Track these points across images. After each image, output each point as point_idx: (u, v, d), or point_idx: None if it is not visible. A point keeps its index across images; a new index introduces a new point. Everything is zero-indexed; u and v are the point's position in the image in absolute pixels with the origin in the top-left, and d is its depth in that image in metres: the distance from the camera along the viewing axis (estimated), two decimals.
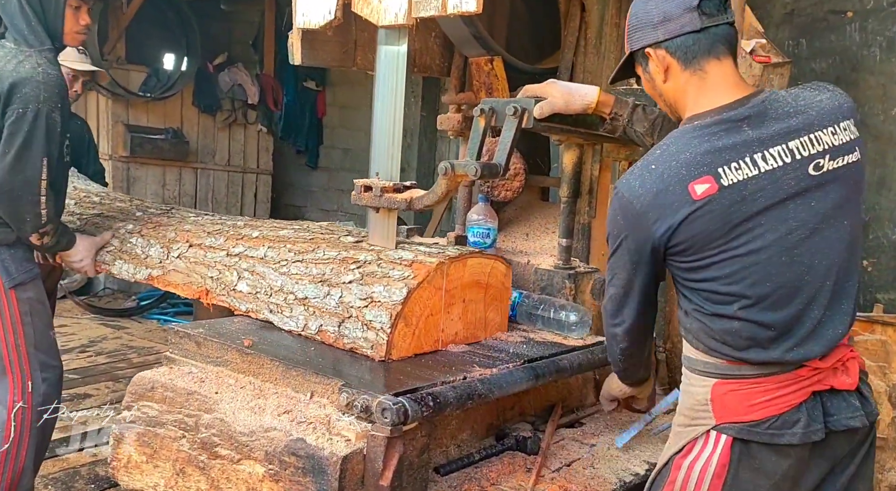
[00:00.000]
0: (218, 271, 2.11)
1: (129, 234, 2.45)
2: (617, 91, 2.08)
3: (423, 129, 5.95)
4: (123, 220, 2.56)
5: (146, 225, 2.46)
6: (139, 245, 2.38)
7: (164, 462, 1.68)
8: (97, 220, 2.62)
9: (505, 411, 1.91)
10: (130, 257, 2.39)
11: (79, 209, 2.74)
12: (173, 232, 2.34)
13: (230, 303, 2.04)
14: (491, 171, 1.70)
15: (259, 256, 2.05)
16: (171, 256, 2.26)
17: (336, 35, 2.11)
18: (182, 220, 2.44)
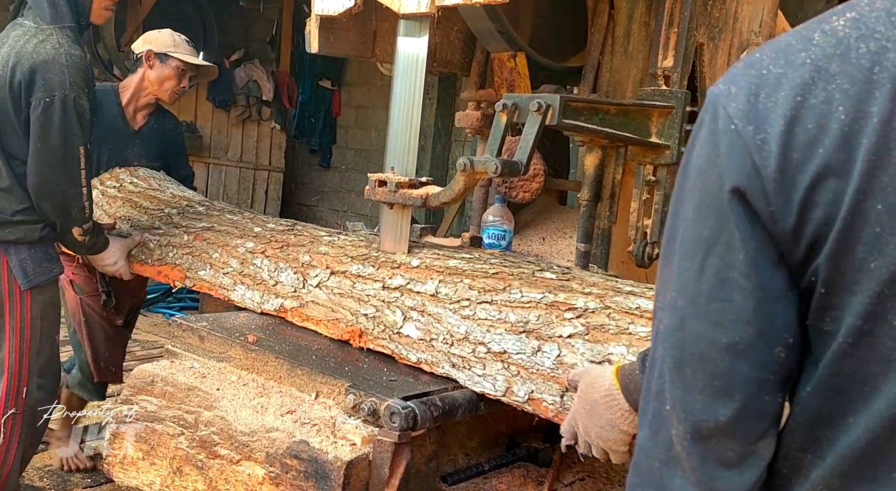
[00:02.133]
0: (374, 308, 1.69)
1: (251, 254, 2.02)
2: (644, 92, 2.01)
3: (437, 130, 5.89)
4: (240, 236, 2.13)
5: (270, 244, 2.02)
6: (265, 268, 1.95)
7: (160, 460, 1.61)
8: (208, 234, 2.21)
9: (517, 420, 1.83)
10: (255, 282, 1.96)
11: (184, 220, 2.35)
12: (307, 254, 1.91)
13: (394, 349, 1.64)
14: (512, 169, 1.63)
15: (428, 291, 1.64)
16: (308, 284, 1.84)
17: (355, 24, 2.05)
18: (315, 240, 2.00)
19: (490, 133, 1.70)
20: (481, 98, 2.30)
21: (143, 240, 2.34)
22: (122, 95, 2.77)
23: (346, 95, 6.91)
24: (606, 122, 1.81)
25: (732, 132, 0.65)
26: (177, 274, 2.22)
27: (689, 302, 0.70)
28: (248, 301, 1.96)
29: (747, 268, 0.66)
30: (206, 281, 2.11)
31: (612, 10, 2.19)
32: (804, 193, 0.62)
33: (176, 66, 2.73)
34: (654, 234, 2.05)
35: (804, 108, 0.62)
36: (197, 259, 2.16)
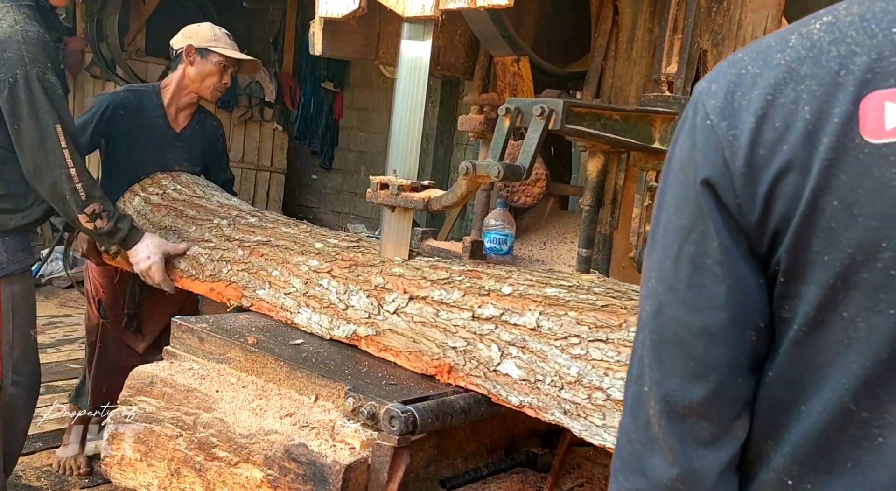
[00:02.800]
0: (465, 341, 1.53)
1: (316, 273, 1.85)
2: (648, 98, 2.00)
3: (439, 134, 5.90)
4: (301, 252, 1.95)
5: (336, 262, 1.85)
6: (333, 290, 1.79)
7: (158, 461, 1.61)
8: (264, 249, 2.01)
9: (516, 425, 1.83)
10: (322, 305, 1.79)
11: (237, 233, 2.15)
12: (379, 276, 1.75)
13: (490, 389, 1.48)
14: (514, 173, 1.63)
15: (527, 324, 1.47)
16: (384, 310, 1.68)
17: (359, 26, 2.05)
18: (386, 260, 1.84)
19: (493, 137, 1.70)
20: (484, 102, 2.30)
21: (194, 253, 2.15)
22: (163, 95, 2.64)
23: (348, 97, 6.91)
24: (609, 127, 1.80)
25: (708, 127, 0.68)
26: (232, 292, 2.02)
27: (667, 289, 0.73)
28: (315, 326, 1.79)
29: (720, 255, 0.69)
30: (265, 301, 1.93)
31: (616, 15, 2.19)
32: (767, 188, 0.65)
33: (217, 61, 2.59)
34: None
35: (774, 107, 0.64)
36: (254, 277, 1.97)
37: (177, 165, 2.64)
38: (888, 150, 0.59)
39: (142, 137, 2.57)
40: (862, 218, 0.61)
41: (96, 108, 2.56)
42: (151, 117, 2.61)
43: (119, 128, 2.56)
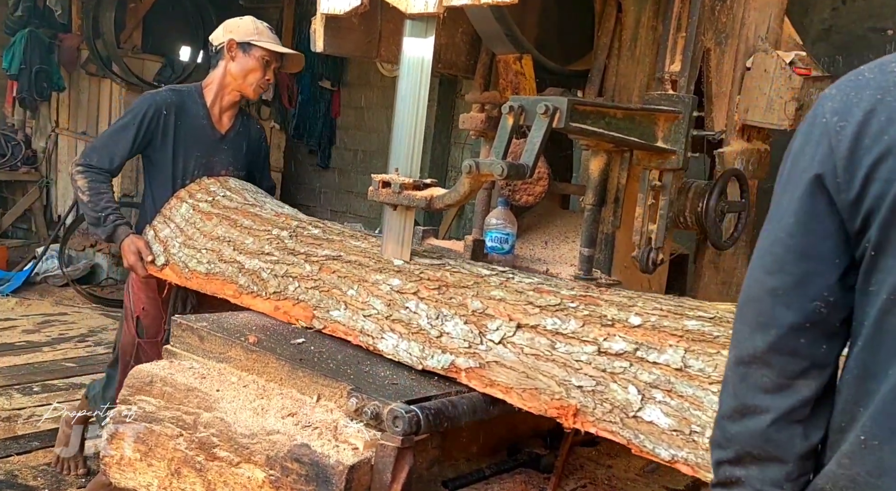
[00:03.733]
0: (593, 380, 1.35)
1: (400, 294, 1.68)
2: (651, 96, 1.99)
3: (437, 133, 5.87)
4: (379, 270, 1.78)
5: (422, 283, 1.69)
6: (423, 314, 1.62)
7: (158, 461, 1.59)
8: (335, 265, 1.84)
9: (518, 426, 1.81)
10: (411, 332, 1.63)
11: (301, 246, 1.97)
12: (476, 299, 1.59)
13: (631, 439, 1.29)
14: (518, 172, 1.61)
15: (671, 363, 1.29)
16: (487, 339, 1.51)
17: (361, 23, 2.03)
18: (480, 280, 1.66)
19: (496, 135, 1.68)
20: (486, 100, 2.28)
21: (255, 267, 1.98)
22: (205, 95, 2.52)
23: (345, 96, 6.89)
24: (613, 126, 1.79)
25: (822, 124, 0.81)
26: (301, 312, 1.84)
27: (757, 256, 0.89)
28: (404, 354, 1.61)
29: (794, 229, 0.82)
30: (341, 323, 1.75)
31: (620, 13, 2.17)
32: (867, 170, 0.76)
33: (260, 55, 2.47)
34: (659, 239, 2.04)
35: (882, 104, 0.77)
36: (327, 296, 1.79)
37: (223, 169, 2.53)
38: None
39: (186, 140, 2.47)
40: None
41: (137, 110, 2.45)
42: (195, 118, 2.50)
43: (162, 130, 2.46)
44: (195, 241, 2.19)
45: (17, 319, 4.90)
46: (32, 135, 6.50)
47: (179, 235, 2.26)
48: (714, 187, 2.15)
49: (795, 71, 2.19)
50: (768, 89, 2.24)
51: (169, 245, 2.28)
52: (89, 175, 2.41)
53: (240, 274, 2.00)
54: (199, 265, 2.13)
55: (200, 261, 2.14)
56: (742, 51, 2.26)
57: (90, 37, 5.81)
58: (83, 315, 5.15)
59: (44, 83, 5.87)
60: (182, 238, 2.25)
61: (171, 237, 2.29)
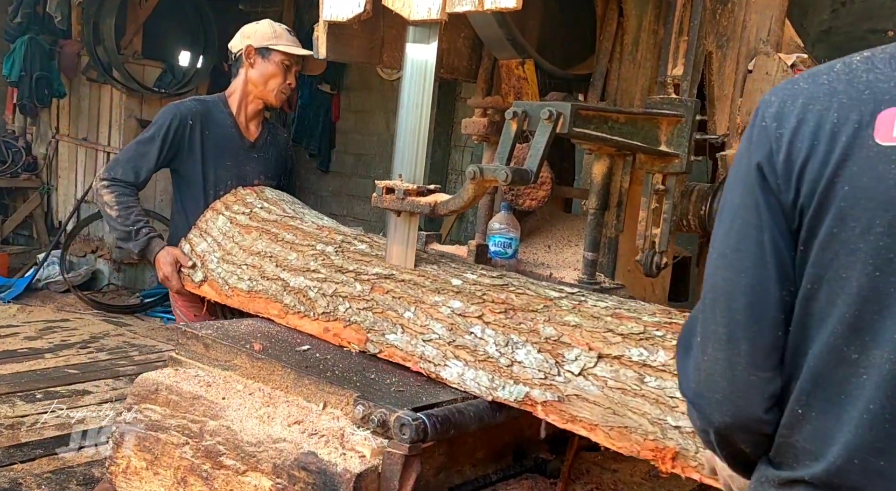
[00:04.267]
0: None
1: (463, 317, 1.59)
2: (653, 100, 1.99)
3: (437, 136, 5.88)
4: (437, 290, 1.67)
5: (486, 305, 1.58)
6: (490, 341, 1.52)
7: (164, 469, 1.59)
8: (388, 284, 1.74)
9: (524, 430, 1.81)
10: (478, 359, 1.52)
11: (349, 263, 1.85)
12: (548, 325, 1.48)
13: None
14: (522, 177, 1.61)
15: None
16: (564, 370, 1.40)
17: (363, 30, 2.03)
18: (550, 303, 1.55)
19: (500, 141, 1.68)
20: (488, 105, 2.29)
21: (301, 286, 1.86)
22: (230, 104, 2.46)
23: (345, 100, 6.89)
24: (616, 130, 1.79)
25: (762, 127, 0.86)
26: (353, 334, 1.72)
27: (719, 255, 0.89)
28: (471, 383, 1.51)
29: (762, 223, 0.84)
30: (398, 348, 1.65)
31: (622, 17, 2.18)
32: (798, 171, 0.82)
33: (280, 60, 2.40)
34: (663, 243, 2.04)
35: (811, 112, 0.82)
36: (381, 318, 1.69)
37: (255, 179, 2.46)
38: (891, 151, 0.76)
39: (215, 149, 2.41)
40: (864, 201, 0.77)
41: (161, 121, 2.38)
42: (223, 127, 2.43)
43: (189, 141, 2.39)
44: (234, 256, 2.07)
45: (19, 325, 4.89)
46: (33, 141, 6.51)
47: (217, 250, 2.13)
48: (717, 190, 2.15)
49: (797, 73, 2.19)
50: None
51: (207, 260, 2.15)
52: (116, 189, 2.32)
53: (284, 292, 1.88)
54: (241, 282, 2.00)
55: (241, 277, 2.01)
56: (743, 53, 2.26)
57: (90, 43, 5.82)
58: (85, 321, 5.15)
59: (44, 90, 5.87)
60: (220, 253, 2.12)
61: (208, 252, 2.17)
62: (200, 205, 2.37)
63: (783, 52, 2.30)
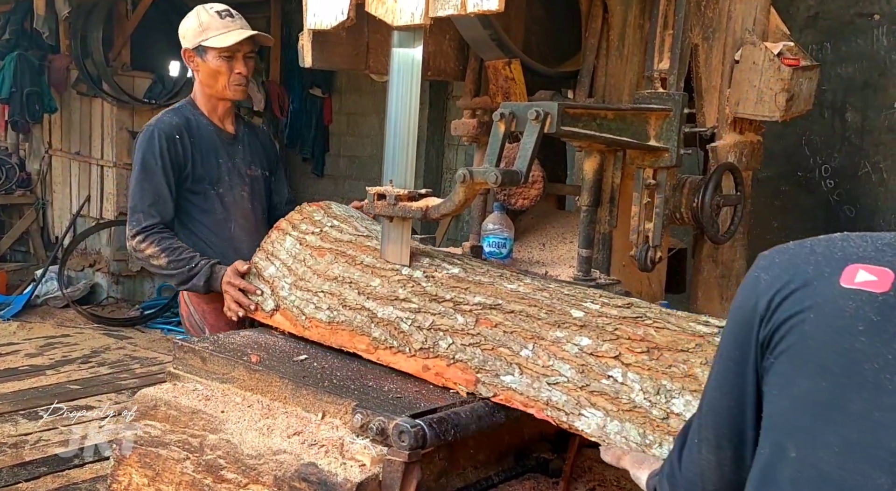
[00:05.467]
0: None
1: (595, 357, 1.40)
2: (641, 95, 1.99)
3: (430, 137, 5.88)
4: (556, 324, 1.49)
5: (621, 343, 1.40)
6: (636, 387, 1.33)
7: (166, 485, 1.59)
8: (495, 316, 1.55)
9: (524, 431, 1.81)
10: (621, 409, 1.34)
11: (444, 290, 1.66)
12: (708, 370, 1.17)
13: None
14: (512, 178, 1.61)
15: None
16: None
17: (348, 37, 2.03)
18: (702, 341, 1.37)
19: (488, 142, 1.68)
20: (477, 106, 2.29)
21: (390, 317, 1.66)
22: (200, 106, 2.35)
23: (337, 103, 6.89)
24: (604, 127, 1.79)
25: (755, 278, 0.98)
26: (459, 374, 1.54)
27: (713, 377, 1.02)
28: (617, 437, 1.33)
29: (743, 357, 0.96)
30: (516, 392, 1.46)
31: (606, 13, 2.18)
32: (776, 310, 0.93)
33: (217, 54, 2.23)
34: (656, 237, 2.04)
35: (794, 268, 0.95)
36: (492, 356, 1.50)
37: (248, 169, 2.38)
38: (850, 292, 0.90)
39: (205, 150, 2.30)
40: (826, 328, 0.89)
41: (148, 148, 2.23)
42: (204, 127, 2.32)
43: (184, 153, 2.27)
44: (309, 281, 1.84)
45: (19, 343, 4.89)
46: (26, 157, 6.50)
47: (288, 275, 1.90)
48: (708, 182, 2.15)
49: (784, 61, 2.19)
50: (758, 81, 2.25)
51: (277, 286, 1.91)
52: (151, 237, 2.17)
53: (372, 324, 1.68)
54: (319, 312, 1.78)
55: (319, 306, 1.78)
56: (730, 44, 2.26)
57: (79, 57, 5.81)
58: (85, 336, 5.15)
59: (35, 105, 5.86)
60: (292, 278, 1.89)
61: (277, 277, 1.92)
62: (214, 205, 2.30)
63: (769, 40, 2.30)
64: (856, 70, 3.32)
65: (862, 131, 3.36)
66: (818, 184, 3.49)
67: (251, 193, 2.39)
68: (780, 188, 3.59)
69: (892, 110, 3.25)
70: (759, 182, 2.86)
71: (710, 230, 2.21)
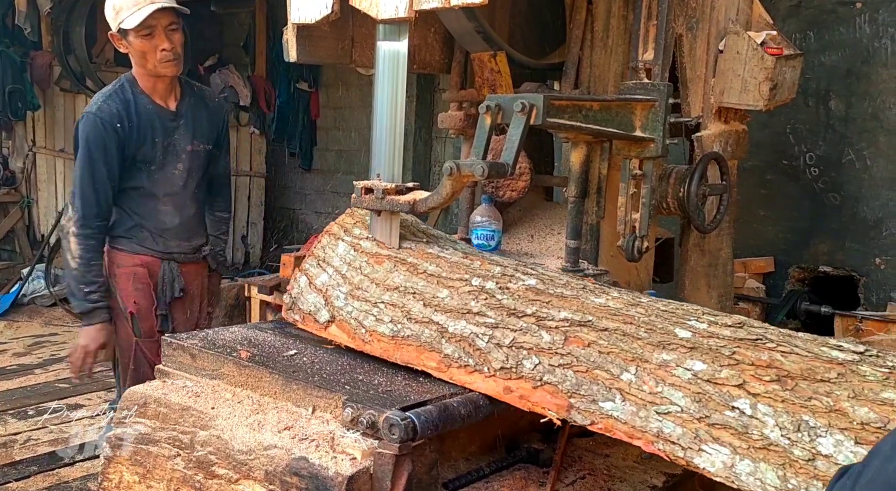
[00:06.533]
0: None
1: (715, 385, 1.24)
2: (626, 86, 2.00)
3: (418, 129, 5.87)
4: (658, 344, 1.34)
5: (742, 368, 1.24)
6: (768, 420, 1.18)
7: (157, 482, 1.59)
8: (586, 334, 1.41)
9: (515, 421, 1.82)
10: (752, 447, 1.18)
11: (524, 304, 1.51)
12: (860, 404, 1.14)
13: None
14: (499, 170, 1.62)
15: None
16: None
17: (332, 31, 2.02)
18: (843, 369, 1.21)
19: (475, 135, 1.68)
20: (463, 98, 2.29)
21: (464, 332, 1.52)
22: (140, 83, 2.38)
23: (324, 97, 6.86)
24: (590, 118, 1.80)
25: None
26: (548, 398, 1.40)
27: None
28: (749, 479, 1.16)
29: None
30: (619, 420, 1.31)
31: (591, 5, 2.18)
32: None
33: (136, 34, 2.24)
34: (643, 227, 2.06)
35: None
36: (587, 379, 1.36)
37: (188, 145, 2.41)
38: None
39: (142, 132, 2.32)
40: None
41: (88, 137, 2.29)
42: (140, 107, 2.34)
43: (127, 140, 2.31)
44: (366, 291, 1.70)
45: (6, 342, 4.86)
46: (10, 155, 6.43)
47: (343, 283, 1.75)
48: (694, 172, 2.17)
49: (767, 51, 2.20)
50: (742, 71, 2.26)
51: (331, 296, 1.75)
52: (85, 241, 2.31)
53: (443, 340, 1.55)
54: (381, 325, 1.64)
55: (381, 319, 1.64)
56: (714, 34, 2.27)
57: (62, 53, 5.75)
58: (73, 334, 5.10)
59: (18, 103, 5.81)
60: (347, 287, 1.74)
61: (331, 285, 1.77)
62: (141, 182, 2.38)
63: (753, 30, 2.31)
64: (839, 58, 3.34)
65: (846, 119, 3.38)
66: (803, 172, 3.52)
67: (188, 169, 2.45)
68: (765, 177, 3.61)
69: (875, 99, 3.29)
70: (744, 171, 2.88)
71: (696, 219, 2.22)
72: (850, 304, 3.33)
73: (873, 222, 3.32)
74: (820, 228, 3.46)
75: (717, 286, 2.47)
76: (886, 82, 3.26)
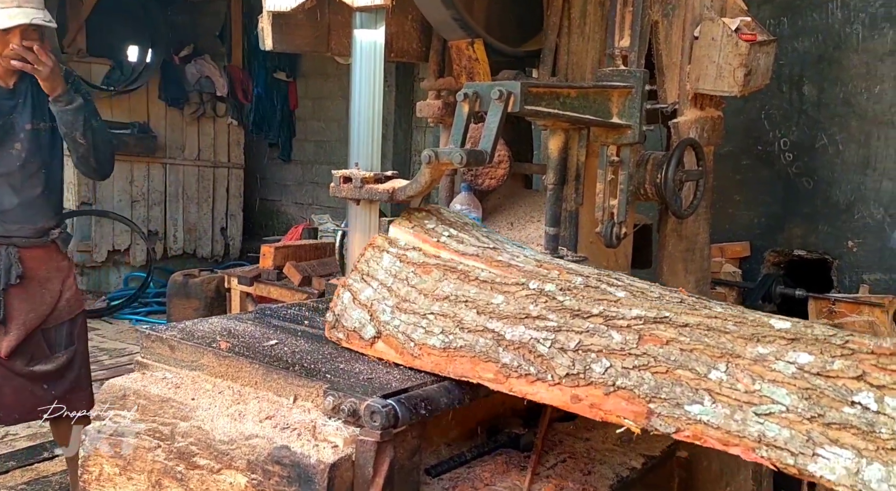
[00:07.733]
0: None
1: (828, 379, 1.11)
2: (603, 73, 2.01)
3: (398, 118, 5.86)
4: (756, 338, 1.20)
5: (860, 360, 1.11)
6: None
7: (138, 474, 1.58)
8: (664, 332, 1.28)
9: (496, 407, 1.84)
10: (879, 447, 1.04)
11: (590, 305, 1.39)
12: None
13: None
14: (477, 158, 1.62)
15: None
16: None
17: (308, 19, 2.01)
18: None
19: (453, 123, 1.69)
20: (441, 87, 2.29)
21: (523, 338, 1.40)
22: None
23: (302, 87, 6.81)
24: (568, 105, 1.81)
25: None
26: (623, 405, 1.27)
27: None
28: (881, 486, 1.02)
29: None
30: (710, 425, 1.17)
31: None
32: None
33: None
34: (621, 213, 2.07)
35: None
36: (668, 380, 1.23)
37: (28, 123, 2.37)
38: None
39: None
40: None
41: None
42: None
43: None
44: (414, 303, 1.60)
45: None
46: None
47: (389, 296, 1.66)
48: (671, 158, 2.19)
49: (741, 37, 2.22)
50: (717, 57, 2.28)
51: (376, 310, 1.66)
52: None
53: (499, 348, 1.43)
54: (430, 337, 1.54)
55: (430, 331, 1.55)
56: (689, 20, 2.29)
57: None
58: None
59: None
60: (394, 300, 1.64)
61: (377, 300, 1.66)
62: None
63: (727, 16, 2.33)
64: (812, 44, 3.38)
65: (818, 104, 3.43)
66: (777, 157, 3.56)
67: (27, 148, 2.40)
68: (740, 162, 3.65)
69: (846, 84, 3.33)
70: (720, 157, 2.91)
71: (673, 205, 2.25)
72: (824, 286, 3.39)
73: (845, 206, 3.38)
74: (794, 213, 3.51)
75: (694, 271, 2.50)
76: (857, 68, 3.31)
